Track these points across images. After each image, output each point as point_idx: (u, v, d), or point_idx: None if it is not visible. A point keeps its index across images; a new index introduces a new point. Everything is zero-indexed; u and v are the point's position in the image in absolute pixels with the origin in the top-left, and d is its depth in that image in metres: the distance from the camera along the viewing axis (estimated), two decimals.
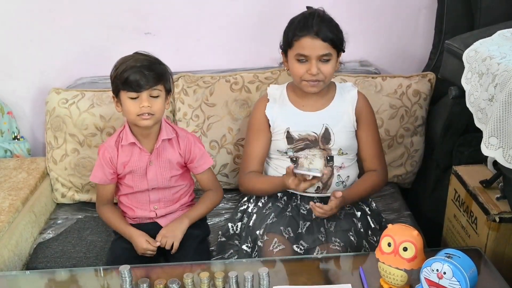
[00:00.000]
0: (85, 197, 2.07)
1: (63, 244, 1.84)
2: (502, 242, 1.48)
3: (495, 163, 1.57)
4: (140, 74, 1.53)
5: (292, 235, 1.60)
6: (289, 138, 1.72)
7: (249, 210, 1.76)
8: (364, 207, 1.73)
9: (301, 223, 1.64)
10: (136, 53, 1.61)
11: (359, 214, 1.68)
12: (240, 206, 1.82)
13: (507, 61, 1.12)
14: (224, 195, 1.85)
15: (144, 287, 1.28)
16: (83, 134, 1.98)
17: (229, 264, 1.47)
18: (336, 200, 1.55)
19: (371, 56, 2.25)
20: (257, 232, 1.63)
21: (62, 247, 1.82)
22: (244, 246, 1.66)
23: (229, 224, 1.79)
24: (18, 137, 2.27)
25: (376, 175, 1.74)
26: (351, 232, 1.59)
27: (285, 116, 1.74)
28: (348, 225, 1.62)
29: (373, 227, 1.69)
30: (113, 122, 1.97)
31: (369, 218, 1.70)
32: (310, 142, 1.71)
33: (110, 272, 1.45)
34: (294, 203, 1.71)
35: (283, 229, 1.60)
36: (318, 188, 1.69)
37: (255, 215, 1.71)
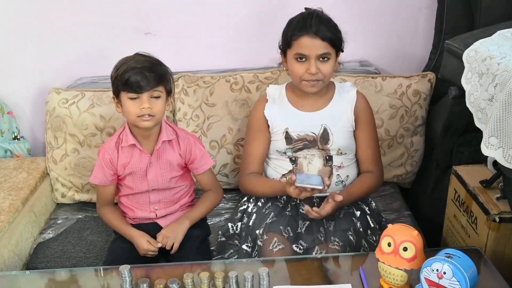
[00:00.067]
0: (85, 197, 2.07)
1: (63, 244, 1.84)
2: (502, 242, 1.48)
3: (495, 163, 1.57)
4: (141, 75, 1.52)
5: (291, 235, 1.60)
6: (288, 139, 1.72)
7: (249, 210, 1.76)
8: (364, 207, 1.73)
9: (301, 222, 1.64)
10: (137, 54, 1.61)
11: (358, 213, 1.68)
12: (240, 206, 1.82)
13: (507, 61, 1.12)
14: (224, 195, 1.85)
15: (144, 287, 1.28)
16: (83, 134, 1.98)
17: (229, 264, 1.47)
18: (334, 203, 1.55)
19: (371, 56, 2.25)
20: (257, 231, 1.63)
21: (62, 247, 1.83)
22: (244, 246, 1.66)
23: (229, 224, 1.79)
24: (18, 137, 2.27)
25: (371, 177, 1.74)
26: (350, 232, 1.59)
27: (284, 117, 1.74)
28: (347, 225, 1.62)
29: (373, 226, 1.69)
30: (113, 122, 1.97)
31: (369, 217, 1.70)
32: (308, 142, 1.71)
33: (110, 272, 1.45)
34: (294, 202, 1.70)
35: (282, 228, 1.60)
36: None
37: (254, 215, 1.71)
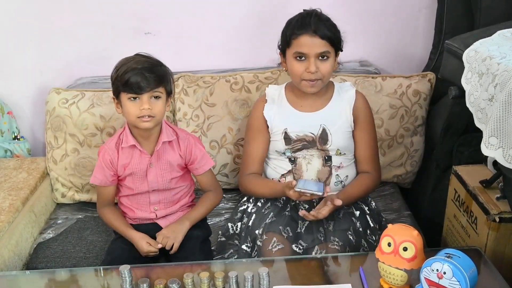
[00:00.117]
0: (85, 197, 2.07)
1: (63, 244, 1.84)
2: (502, 242, 1.48)
3: (495, 163, 1.57)
4: (141, 76, 1.52)
5: (291, 235, 1.60)
6: (287, 139, 1.72)
7: (249, 210, 1.76)
8: (363, 207, 1.73)
9: (300, 222, 1.64)
10: (137, 55, 1.60)
11: (358, 213, 1.68)
12: (239, 206, 1.82)
13: (507, 61, 1.12)
14: (224, 195, 1.85)
15: (144, 287, 1.28)
16: (83, 134, 1.98)
17: (229, 264, 1.47)
18: (332, 206, 1.55)
19: (371, 56, 2.25)
20: (256, 231, 1.63)
21: (62, 247, 1.83)
22: (243, 246, 1.66)
23: (229, 224, 1.79)
24: (18, 137, 2.27)
25: (369, 178, 1.73)
26: (350, 232, 1.59)
27: (283, 117, 1.74)
28: (347, 225, 1.62)
29: (372, 226, 1.69)
30: (113, 122, 1.97)
31: (368, 217, 1.70)
32: (307, 143, 1.71)
33: (110, 272, 1.44)
34: (293, 203, 1.70)
35: (282, 228, 1.60)
36: None
37: (254, 215, 1.71)
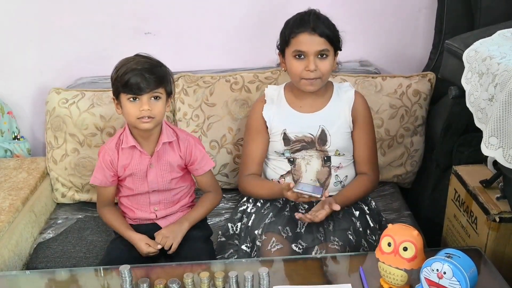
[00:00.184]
0: (85, 197, 2.07)
1: (63, 244, 1.84)
2: (502, 242, 1.48)
3: (495, 163, 1.57)
4: (141, 77, 1.51)
5: (290, 235, 1.59)
6: (286, 140, 1.72)
7: (248, 210, 1.76)
8: (363, 206, 1.73)
9: (300, 222, 1.64)
10: (137, 55, 1.60)
11: (357, 213, 1.68)
12: (239, 206, 1.82)
13: (507, 61, 1.12)
14: (224, 195, 1.85)
15: (144, 287, 1.28)
16: (83, 134, 1.98)
17: (229, 264, 1.47)
18: (329, 210, 1.55)
19: (371, 56, 2.25)
20: (256, 232, 1.63)
21: (62, 247, 1.83)
22: (243, 246, 1.66)
23: (229, 224, 1.79)
24: (18, 137, 2.27)
25: (367, 180, 1.73)
26: (350, 231, 1.59)
27: (282, 118, 1.73)
28: (347, 224, 1.62)
29: (372, 226, 1.69)
30: (113, 122, 1.97)
31: (368, 217, 1.70)
32: (306, 144, 1.71)
33: (110, 272, 1.44)
34: (293, 203, 1.70)
35: (281, 228, 1.60)
36: None
37: (254, 215, 1.71)
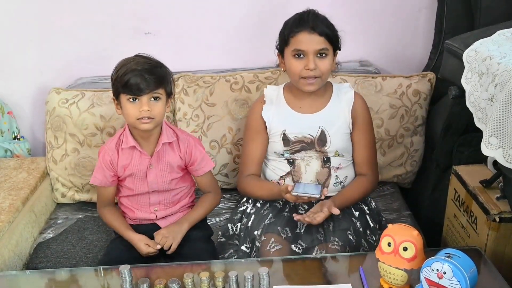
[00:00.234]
0: (85, 197, 2.07)
1: (63, 244, 1.84)
2: (502, 242, 1.48)
3: (495, 163, 1.57)
4: (140, 78, 1.51)
5: (290, 235, 1.59)
6: (285, 140, 1.72)
7: (248, 210, 1.76)
8: (363, 207, 1.73)
9: (300, 223, 1.63)
10: (137, 56, 1.59)
11: (357, 213, 1.68)
12: (239, 207, 1.82)
13: (507, 61, 1.12)
14: (224, 195, 1.85)
15: (144, 287, 1.28)
16: (83, 134, 1.98)
17: (229, 264, 1.47)
18: (328, 213, 1.54)
19: (371, 56, 2.25)
20: (255, 232, 1.63)
21: (62, 247, 1.83)
22: (243, 247, 1.66)
23: (229, 225, 1.79)
24: (18, 137, 2.27)
25: (366, 181, 1.73)
26: (350, 231, 1.59)
27: (281, 118, 1.73)
28: (347, 224, 1.62)
29: (372, 226, 1.69)
30: (113, 122, 1.97)
31: (368, 217, 1.70)
32: (306, 144, 1.71)
33: (110, 272, 1.44)
34: (292, 203, 1.70)
35: (280, 229, 1.60)
36: None
37: (253, 216, 1.71)
